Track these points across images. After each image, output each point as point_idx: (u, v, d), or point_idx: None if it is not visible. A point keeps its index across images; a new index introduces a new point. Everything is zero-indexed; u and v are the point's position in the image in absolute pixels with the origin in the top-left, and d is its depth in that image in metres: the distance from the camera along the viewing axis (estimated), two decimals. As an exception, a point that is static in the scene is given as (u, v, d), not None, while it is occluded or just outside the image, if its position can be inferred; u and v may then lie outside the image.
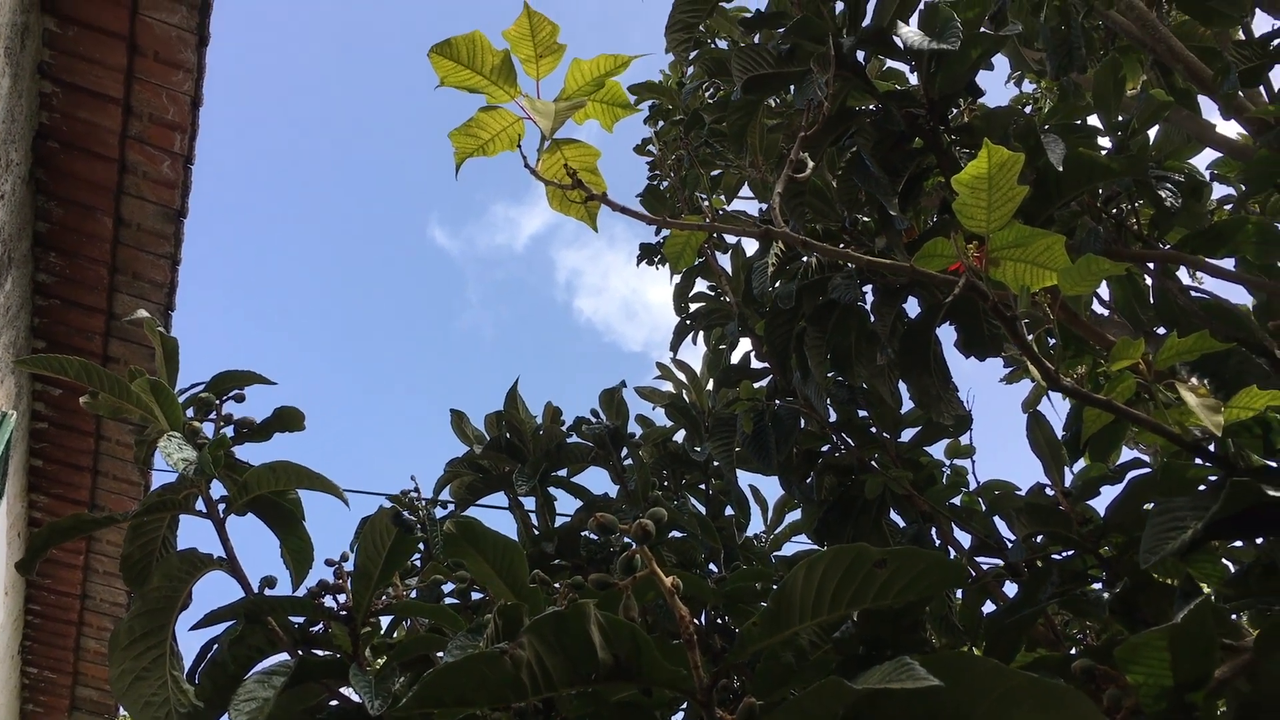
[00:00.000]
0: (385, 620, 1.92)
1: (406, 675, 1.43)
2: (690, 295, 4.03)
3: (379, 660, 1.64)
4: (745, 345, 3.39)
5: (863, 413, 2.77)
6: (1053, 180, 2.22)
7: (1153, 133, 2.84)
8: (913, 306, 2.52)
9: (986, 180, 1.33)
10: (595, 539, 2.70)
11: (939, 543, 2.60)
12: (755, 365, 3.27)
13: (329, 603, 1.59)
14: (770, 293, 2.52)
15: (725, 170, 4.41)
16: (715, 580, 2.31)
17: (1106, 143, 2.72)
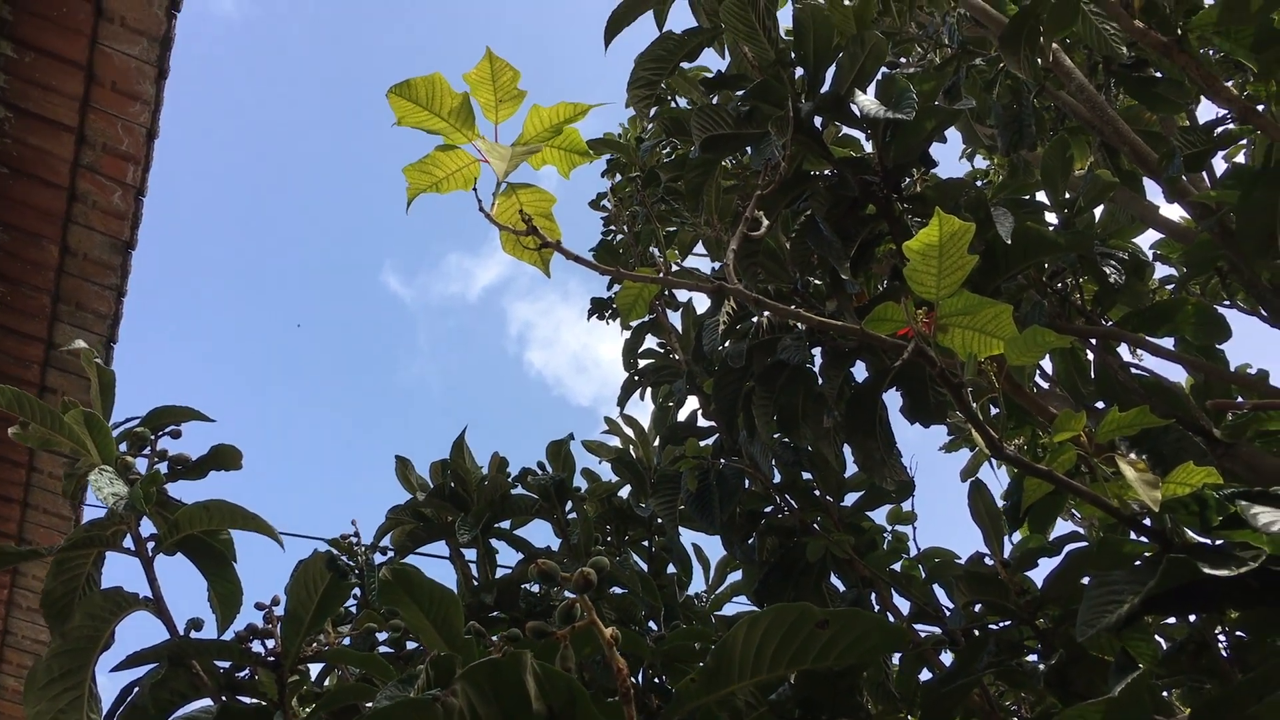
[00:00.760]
0: (316, 668, 1.87)
1: (333, 725, 1.40)
2: (640, 351, 4.04)
3: (305, 709, 1.60)
4: (692, 403, 3.41)
5: (807, 475, 2.78)
6: (1001, 252, 2.26)
7: (1098, 212, 2.91)
8: (860, 371, 2.55)
9: (938, 248, 1.35)
10: (535, 591, 2.66)
11: (878, 608, 2.60)
12: (702, 424, 3.28)
13: (257, 648, 1.55)
14: (720, 351, 2.53)
15: (680, 227, 4.45)
16: (654, 638, 2.29)
17: (1054, 219, 2.78)
